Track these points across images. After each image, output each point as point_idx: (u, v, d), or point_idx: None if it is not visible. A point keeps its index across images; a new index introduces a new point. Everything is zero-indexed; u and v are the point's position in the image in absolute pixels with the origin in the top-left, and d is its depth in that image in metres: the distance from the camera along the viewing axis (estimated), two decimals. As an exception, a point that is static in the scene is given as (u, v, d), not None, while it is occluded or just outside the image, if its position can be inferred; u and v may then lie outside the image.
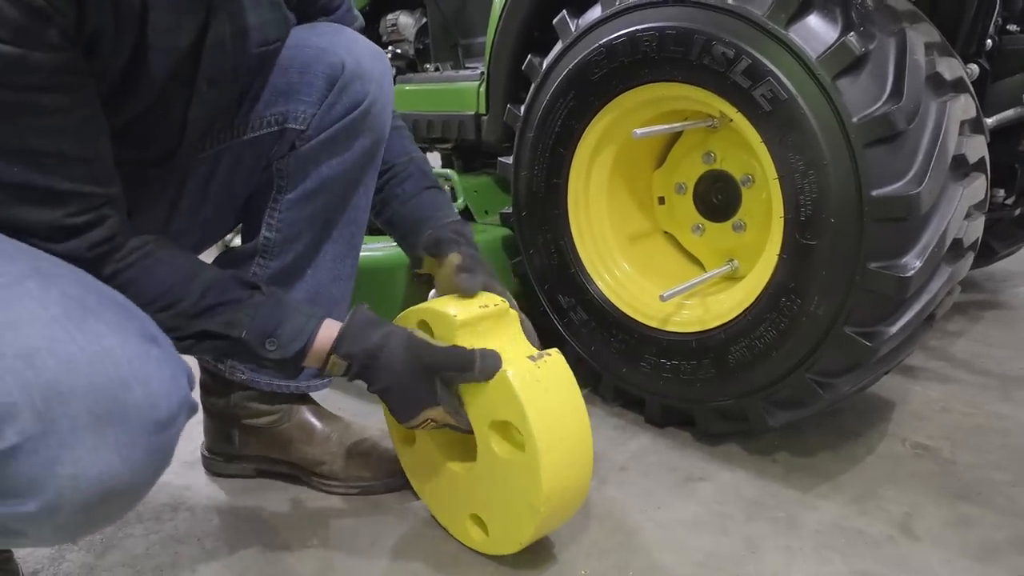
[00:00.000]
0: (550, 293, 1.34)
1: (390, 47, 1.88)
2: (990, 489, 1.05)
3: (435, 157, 1.83)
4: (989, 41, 1.25)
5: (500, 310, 0.94)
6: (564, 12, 1.23)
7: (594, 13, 1.18)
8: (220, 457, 1.17)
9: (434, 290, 1.37)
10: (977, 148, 1.05)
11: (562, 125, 1.24)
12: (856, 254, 0.96)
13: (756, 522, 1.00)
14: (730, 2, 1.01)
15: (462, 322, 0.89)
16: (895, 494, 1.05)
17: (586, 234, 1.30)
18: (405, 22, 1.86)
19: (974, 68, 1.22)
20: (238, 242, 1.14)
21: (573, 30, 1.21)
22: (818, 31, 0.97)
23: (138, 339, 0.67)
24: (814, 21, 0.97)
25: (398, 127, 1.11)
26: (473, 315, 0.91)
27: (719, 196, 1.28)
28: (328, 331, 0.86)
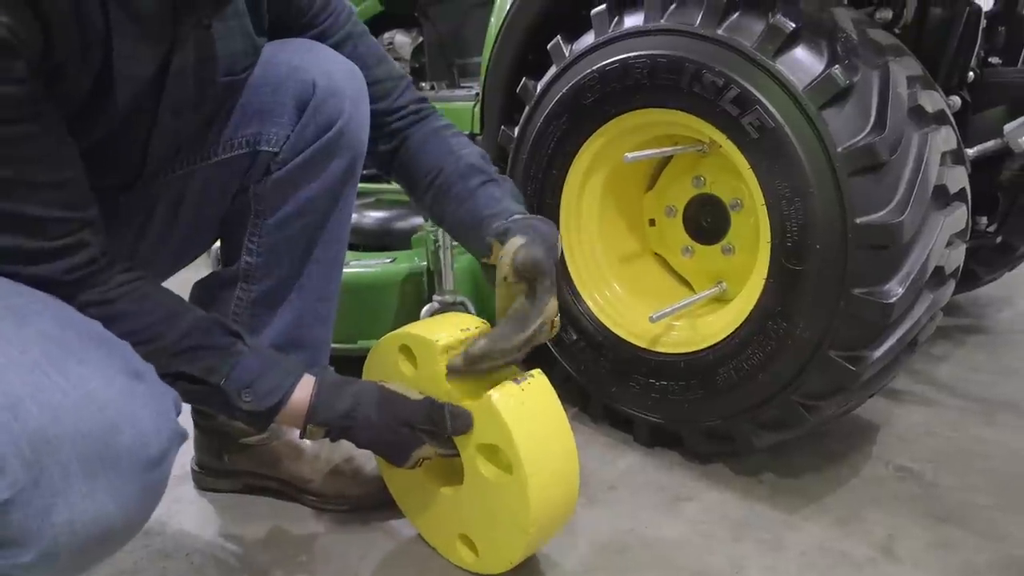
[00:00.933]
0: (541, 312, 1.35)
1: (386, 66, 1.90)
2: (972, 513, 1.06)
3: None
4: (971, 74, 1.28)
5: (480, 333, 0.94)
6: (558, 37, 1.25)
7: (588, 39, 1.20)
8: (210, 472, 1.17)
9: (426, 308, 1.39)
10: (958, 179, 1.08)
11: (555, 147, 1.26)
12: (840, 280, 0.99)
13: (742, 543, 1.01)
14: (720, 33, 1.04)
15: (444, 347, 0.91)
16: (879, 516, 1.06)
17: (577, 254, 1.32)
18: (401, 41, 1.89)
19: (956, 100, 1.25)
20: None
21: (567, 55, 1.23)
22: (804, 63, 0.99)
23: (123, 377, 0.66)
24: (801, 53, 1.00)
25: (438, 129, 1.05)
26: (455, 339, 0.92)
27: (708, 219, 1.30)
28: (303, 391, 0.86)
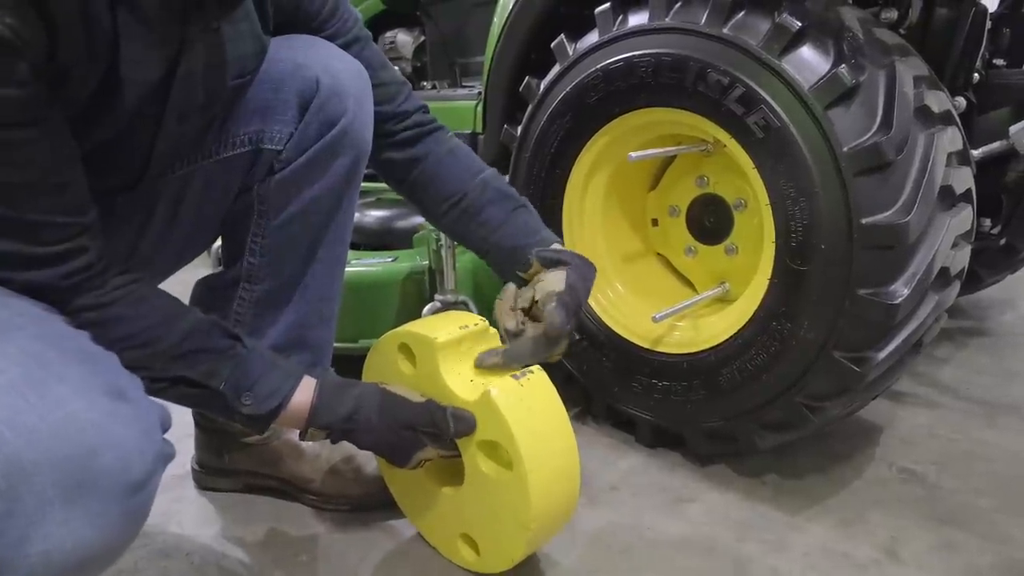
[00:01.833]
0: (543, 312, 1.35)
1: (388, 64, 1.90)
2: (974, 515, 1.06)
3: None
4: (976, 75, 1.28)
5: (480, 329, 0.95)
6: (562, 36, 1.25)
7: (591, 38, 1.20)
8: (210, 471, 1.17)
9: (427, 307, 1.39)
10: (964, 179, 1.07)
11: (558, 146, 1.26)
12: (846, 280, 0.98)
13: (745, 543, 1.01)
14: (726, 32, 1.03)
15: (442, 344, 0.91)
16: (882, 518, 1.06)
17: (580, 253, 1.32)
18: (403, 40, 1.88)
19: (961, 101, 1.25)
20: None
21: (571, 54, 1.23)
22: (811, 62, 0.99)
23: (105, 398, 0.64)
24: (807, 52, 0.99)
25: (453, 148, 1.05)
26: (453, 336, 0.92)
27: (712, 219, 1.30)
28: (304, 394, 0.86)
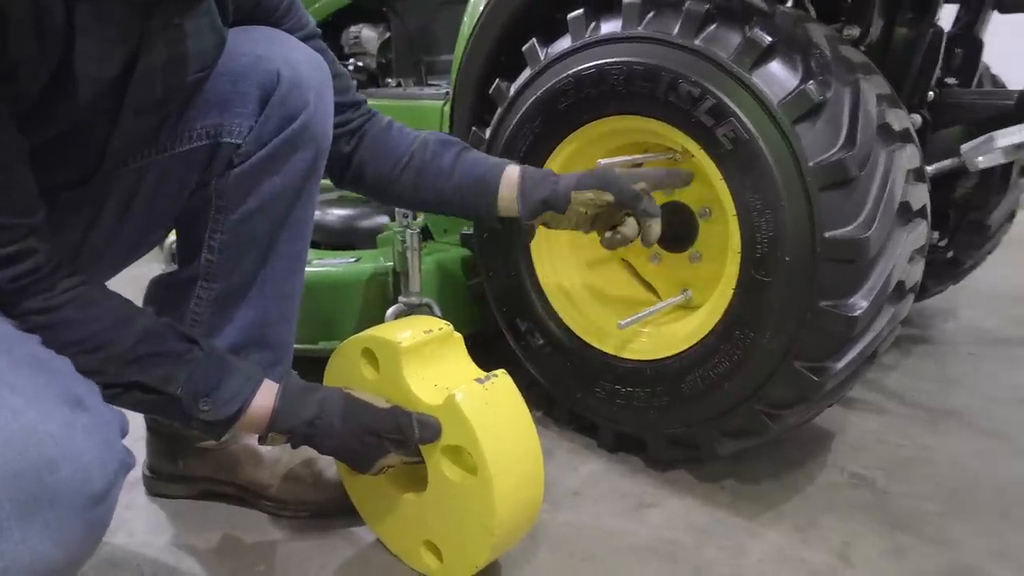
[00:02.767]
0: (508, 316, 1.34)
1: (352, 60, 1.86)
2: (921, 519, 1.10)
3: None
4: (931, 93, 1.33)
5: (444, 333, 0.95)
6: (533, 40, 1.24)
7: (564, 43, 1.20)
8: (162, 477, 1.12)
9: (391, 309, 1.36)
10: (920, 196, 1.11)
11: (527, 151, 1.25)
12: (808, 292, 1.00)
13: (705, 549, 1.02)
14: (697, 43, 1.04)
15: (406, 348, 0.90)
16: (834, 523, 1.09)
17: (546, 259, 1.31)
18: (368, 35, 1.85)
19: (917, 118, 1.29)
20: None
21: (542, 58, 1.22)
22: (780, 77, 1.00)
23: (62, 407, 0.61)
24: (776, 67, 1.01)
25: (388, 122, 1.09)
26: (418, 340, 0.92)
27: (677, 227, 1.31)
28: (265, 398, 0.83)
